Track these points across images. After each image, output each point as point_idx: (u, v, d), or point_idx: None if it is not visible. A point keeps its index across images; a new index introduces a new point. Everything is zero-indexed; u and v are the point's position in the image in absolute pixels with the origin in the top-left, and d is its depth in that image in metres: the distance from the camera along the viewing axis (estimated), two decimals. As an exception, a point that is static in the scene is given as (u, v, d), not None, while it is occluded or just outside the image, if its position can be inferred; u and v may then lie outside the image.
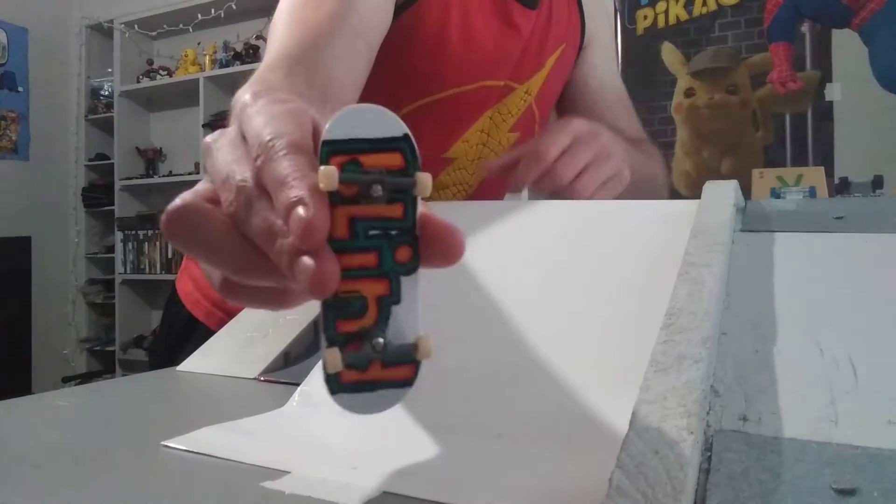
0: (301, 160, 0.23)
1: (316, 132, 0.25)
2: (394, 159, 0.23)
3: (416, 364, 0.24)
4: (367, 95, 0.57)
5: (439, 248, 0.23)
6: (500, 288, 0.44)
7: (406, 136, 0.23)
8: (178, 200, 0.25)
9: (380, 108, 0.23)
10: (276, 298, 0.26)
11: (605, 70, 0.88)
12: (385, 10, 0.62)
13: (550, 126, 0.66)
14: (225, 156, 0.26)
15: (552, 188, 0.59)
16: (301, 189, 0.22)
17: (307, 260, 0.21)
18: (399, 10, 0.65)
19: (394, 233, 0.23)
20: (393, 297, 0.23)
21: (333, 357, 0.23)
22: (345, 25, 0.56)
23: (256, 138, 0.24)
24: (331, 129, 0.23)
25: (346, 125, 0.23)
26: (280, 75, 0.46)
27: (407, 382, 0.24)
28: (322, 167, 0.22)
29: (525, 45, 0.75)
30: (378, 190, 0.22)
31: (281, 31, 0.55)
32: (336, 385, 0.24)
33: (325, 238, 0.22)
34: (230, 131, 0.27)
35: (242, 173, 0.24)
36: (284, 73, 0.47)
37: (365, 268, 0.23)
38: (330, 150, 0.23)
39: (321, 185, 0.22)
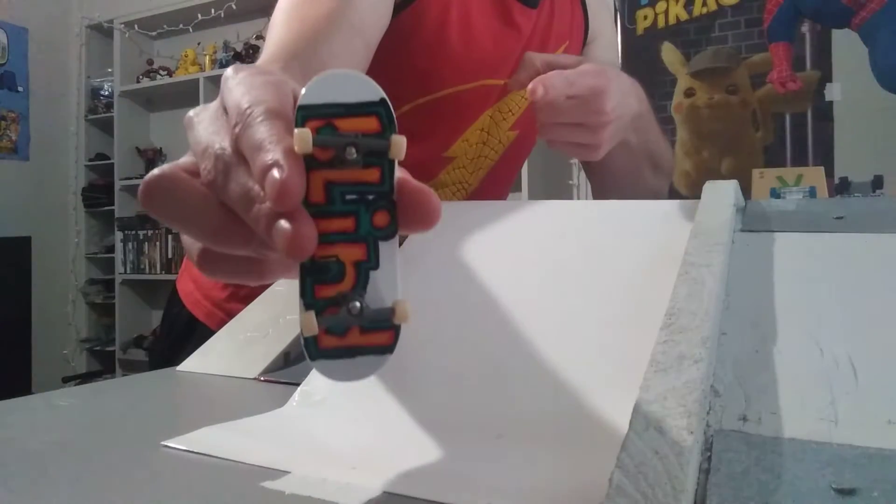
0: (278, 125, 0.23)
1: (296, 101, 0.26)
2: (370, 123, 0.23)
3: (395, 330, 0.24)
4: None
5: (417, 212, 0.23)
6: (500, 288, 0.44)
7: (383, 100, 0.23)
8: (156, 170, 0.25)
9: (356, 72, 0.23)
10: (255, 270, 0.26)
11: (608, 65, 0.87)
12: (384, 7, 0.62)
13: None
14: (206, 127, 0.26)
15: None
16: (276, 153, 0.22)
17: (284, 223, 0.21)
18: (398, 9, 0.65)
19: (371, 197, 0.23)
20: (371, 262, 0.23)
21: (309, 320, 0.23)
22: (343, 22, 0.56)
23: (236, 107, 0.25)
24: (307, 94, 0.23)
25: (323, 90, 0.23)
26: (275, 70, 0.46)
27: (387, 349, 0.24)
28: (296, 129, 0.22)
29: (526, 44, 0.75)
30: (352, 153, 0.22)
31: (279, 27, 0.55)
32: (315, 351, 0.23)
33: (300, 200, 0.22)
34: (212, 105, 0.28)
35: (221, 142, 0.25)
36: (280, 69, 0.47)
37: (342, 232, 0.23)
38: (305, 115, 0.23)
39: (296, 148, 0.22)
